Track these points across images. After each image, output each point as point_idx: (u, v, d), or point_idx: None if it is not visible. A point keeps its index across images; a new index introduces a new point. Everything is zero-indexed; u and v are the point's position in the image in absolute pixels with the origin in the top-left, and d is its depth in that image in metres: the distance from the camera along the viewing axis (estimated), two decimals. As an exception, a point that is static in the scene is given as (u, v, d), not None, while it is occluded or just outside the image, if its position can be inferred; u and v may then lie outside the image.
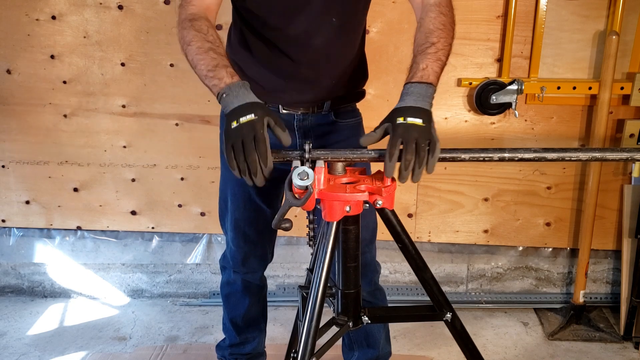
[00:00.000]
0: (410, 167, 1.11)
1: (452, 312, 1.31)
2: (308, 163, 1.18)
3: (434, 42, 1.29)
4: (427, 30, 1.32)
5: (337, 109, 1.60)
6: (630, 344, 2.32)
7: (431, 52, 1.28)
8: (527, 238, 2.52)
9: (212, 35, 1.30)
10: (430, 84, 1.22)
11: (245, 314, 1.91)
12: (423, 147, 1.11)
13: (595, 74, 2.26)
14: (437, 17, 1.33)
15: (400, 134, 1.12)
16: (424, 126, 1.14)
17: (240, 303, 1.90)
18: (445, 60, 1.29)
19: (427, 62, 1.25)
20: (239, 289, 1.87)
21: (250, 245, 1.77)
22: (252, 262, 1.82)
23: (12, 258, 2.69)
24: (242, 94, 1.18)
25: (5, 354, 2.29)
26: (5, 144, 2.50)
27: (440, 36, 1.31)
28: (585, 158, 1.20)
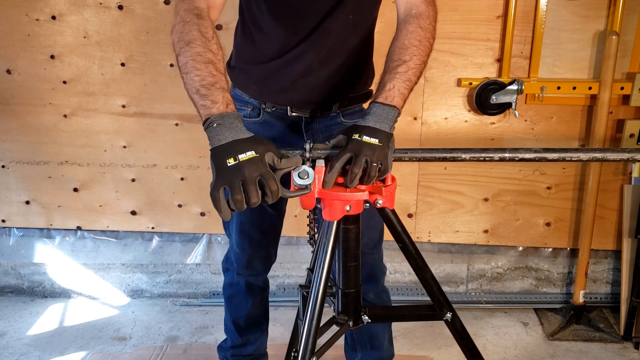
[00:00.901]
0: (354, 183, 1.11)
1: (452, 312, 1.31)
2: (308, 162, 1.18)
3: (406, 60, 1.26)
4: (402, 45, 1.28)
5: (345, 109, 1.57)
6: (630, 344, 2.32)
7: (401, 71, 1.25)
8: (527, 238, 2.52)
9: (216, 44, 1.19)
10: (394, 106, 1.20)
11: (248, 315, 1.90)
12: (374, 166, 1.10)
13: (595, 74, 2.26)
14: (414, 32, 1.30)
15: (350, 149, 1.12)
16: (380, 146, 1.13)
17: (242, 304, 1.89)
18: (415, 79, 1.27)
19: (395, 82, 1.23)
20: (242, 291, 1.87)
21: (255, 247, 1.76)
22: (256, 264, 1.81)
23: (12, 258, 2.69)
24: (235, 127, 1.07)
25: (5, 354, 2.29)
26: (5, 144, 2.50)
27: (413, 54, 1.27)
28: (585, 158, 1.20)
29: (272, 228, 1.76)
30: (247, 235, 1.73)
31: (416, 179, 2.45)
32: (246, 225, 1.71)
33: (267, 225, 1.72)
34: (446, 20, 2.24)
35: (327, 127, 1.57)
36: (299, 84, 1.49)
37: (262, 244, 1.77)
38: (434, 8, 1.36)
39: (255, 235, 1.73)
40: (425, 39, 1.30)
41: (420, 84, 2.31)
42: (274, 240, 1.82)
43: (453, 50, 2.27)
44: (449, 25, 2.24)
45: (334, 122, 1.57)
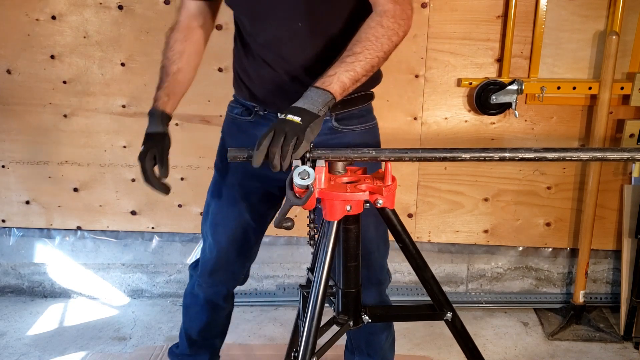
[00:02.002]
0: (274, 159, 1.13)
1: (452, 312, 1.31)
2: (309, 162, 1.18)
3: (357, 52, 1.25)
4: (358, 38, 1.27)
5: (339, 113, 1.52)
6: (630, 344, 2.32)
7: (348, 61, 1.24)
8: (527, 238, 2.52)
9: (174, 48, 1.52)
10: (328, 91, 1.20)
11: (202, 330, 1.84)
12: (287, 141, 1.12)
13: (595, 74, 2.26)
14: (373, 28, 1.28)
15: (274, 126, 1.14)
16: (299, 124, 1.14)
17: (198, 318, 1.82)
18: (362, 72, 1.25)
19: (338, 70, 1.23)
20: (200, 303, 1.79)
21: (222, 255, 1.70)
22: (219, 276, 1.73)
23: (12, 258, 2.69)
24: (150, 122, 1.52)
25: (5, 354, 2.29)
26: (5, 144, 2.50)
27: (366, 47, 1.26)
28: (585, 158, 1.20)
29: (245, 241, 1.68)
30: (216, 239, 1.68)
31: (416, 179, 2.45)
32: (219, 229, 1.66)
33: (241, 235, 1.66)
34: (446, 20, 2.24)
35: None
36: (277, 94, 1.48)
37: (230, 254, 1.70)
38: (404, 7, 1.32)
39: (223, 241, 1.67)
40: (385, 37, 1.28)
41: (420, 84, 2.32)
42: (243, 255, 1.73)
43: (453, 50, 2.27)
44: (449, 25, 2.24)
45: (326, 126, 1.51)
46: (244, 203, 1.63)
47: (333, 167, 1.25)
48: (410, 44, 2.27)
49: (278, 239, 2.61)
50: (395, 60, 2.30)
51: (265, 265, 2.66)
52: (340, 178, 1.24)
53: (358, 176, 1.27)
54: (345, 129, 1.54)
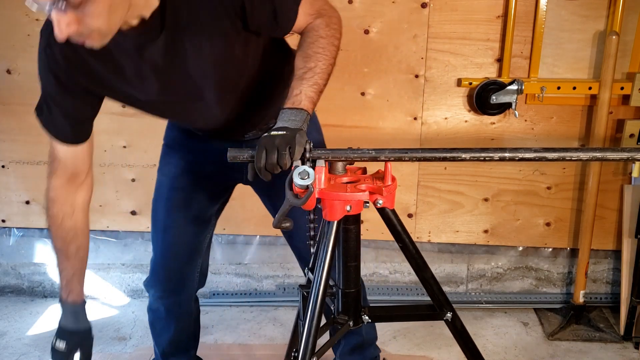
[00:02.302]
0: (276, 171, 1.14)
1: (452, 312, 1.31)
2: (309, 162, 1.18)
3: (311, 67, 1.27)
4: (306, 55, 1.29)
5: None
6: (630, 344, 2.32)
7: (307, 77, 1.26)
8: (527, 238, 2.52)
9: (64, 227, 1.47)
10: (301, 109, 1.22)
11: (172, 342, 1.83)
12: (283, 154, 1.12)
13: (595, 74, 2.26)
14: (315, 42, 1.30)
15: (263, 143, 1.14)
16: (286, 134, 1.15)
17: (165, 330, 1.82)
18: (323, 82, 1.28)
19: (302, 87, 1.24)
20: (163, 316, 1.79)
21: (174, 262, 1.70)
22: (173, 282, 1.73)
23: (12, 258, 2.69)
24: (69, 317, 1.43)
25: (5, 354, 2.29)
26: (5, 144, 2.50)
27: (318, 60, 1.28)
28: (585, 158, 1.20)
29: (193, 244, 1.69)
30: (165, 246, 1.68)
31: (416, 179, 2.45)
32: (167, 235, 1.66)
33: (189, 238, 1.67)
34: (446, 20, 2.24)
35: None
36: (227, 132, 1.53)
37: (178, 259, 1.69)
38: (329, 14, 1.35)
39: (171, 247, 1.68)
40: (329, 44, 1.31)
41: (420, 84, 2.32)
42: (193, 257, 1.73)
43: (453, 50, 2.27)
44: (449, 25, 2.24)
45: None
46: (189, 207, 1.65)
47: (333, 167, 1.25)
48: (410, 44, 2.28)
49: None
50: (395, 61, 2.30)
51: (265, 265, 2.66)
52: (340, 178, 1.24)
53: (358, 176, 1.27)
54: None
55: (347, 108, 2.36)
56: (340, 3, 2.22)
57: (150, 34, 1.23)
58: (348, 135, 2.37)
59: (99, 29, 1.12)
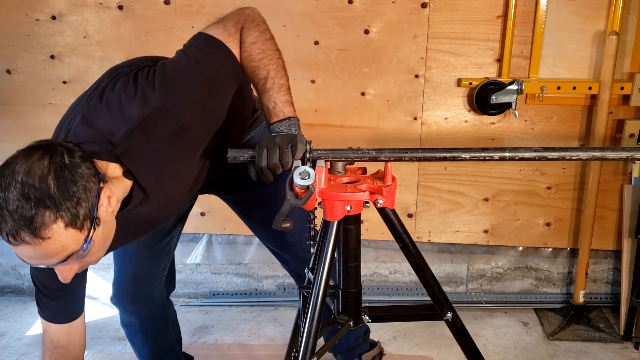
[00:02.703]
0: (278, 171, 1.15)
1: (452, 312, 1.31)
2: (309, 163, 1.18)
3: (265, 75, 1.26)
4: (252, 67, 1.27)
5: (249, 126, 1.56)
6: (630, 344, 2.32)
7: (269, 85, 1.25)
8: (527, 238, 2.52)
9: None
10: (288, 117, 1.22)
11: (155, 350, 1.82)
12: (286, 152, 1.13)
13: (595, 74, 2.26)
14: (252, 54, 1.27)
15: (264, 143, 1.15)
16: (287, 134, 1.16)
17: (145, 342, 1.80)
18: (285, 82, 1.27)
19: (273, 98, 1.24)
20: (138, 329, 1.76)
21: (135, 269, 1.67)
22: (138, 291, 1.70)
23: (12, 258, 2.69)
24: None
25: (5, 354, 2.29)
26: (5, 144, 2.50)
27: (265, 64, 1.27)
28: (585, 157, 1.20)
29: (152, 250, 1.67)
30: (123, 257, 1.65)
31: (416, 179, 2.45)
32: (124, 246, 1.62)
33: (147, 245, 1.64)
34: (446, 20, 2.24)
35: None
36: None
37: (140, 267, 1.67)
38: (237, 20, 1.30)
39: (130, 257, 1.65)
40: (261, 42, 1.28)
41: (420, 84, 2.32)
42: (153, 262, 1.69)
43: (453, 50, 2.27)
44: (449, 25, 2.24)
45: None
46: None
47: (333, 167, 1.25)
48: (410, 44, 2.28)
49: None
50: (395, 61, 2.30)
51: (265, 265, 2.66)
52: (340, 178, 1.24)
53: (358, 176, 1.27)
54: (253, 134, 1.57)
55: (347, 108, 2.36)
56: (340, 3, 2.23)
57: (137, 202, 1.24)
58: (348, 135, 2.37)
59: (98, 258, 1.22)
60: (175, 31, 2.27)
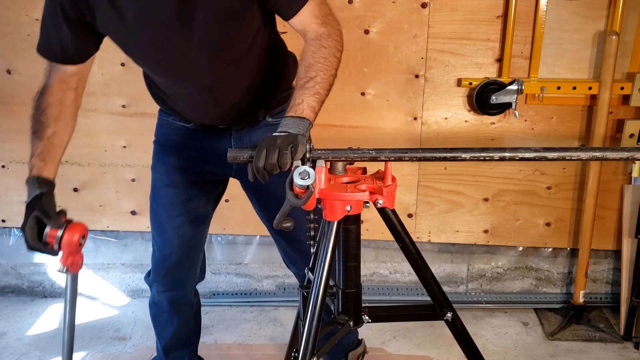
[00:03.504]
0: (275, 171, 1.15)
1: (452, 312, 1.31)
2: (309, 162, 1.18)
3: (313, 76, 1.30)
4: (307, 64, 1.32)
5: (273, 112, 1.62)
6: (630, 344, 2.32)
7: (309, 86, 1.29)
8: (527, 238, 2.52)
9: (47, 113, 1.43)
10: (304, 117, 1.24)
11: (175, 335, 1.86)
12: (285, 153, 1.13)
13: (595, 74, 2.26)
14: (317, 51, 1.33)
15: (264, 143, 1.16)
16: (289, 134, 1.17)
17: (168, 324, 1.84)
18: (324, 92, 1.31)
19: (304, 97, 1.27)
20: (166, 309, 1.82)
21: (175, 253, 1.72)
22: (175, 275, 1.76)
23: (12, 258, 2.69)
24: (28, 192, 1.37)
25: (5, 354, 2.29)
26: (5, 144, 2.50)
27: (319, 70, 1.31)
28: (585, 157, 1.20)
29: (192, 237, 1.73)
30: (164, 241, 1.71)
31: (416, 179, 2.45)
32: (165, 231, 1.70)
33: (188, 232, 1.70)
34: (446, 20, 2.24)
35: (254, 131, 1.61)
36: (205, 114, 1.56)
37: (180, 253, 1.73)
38: (333, 26, 1.38)
39: (171, 242, 1.70)
40: (331, 55, 1.34)
41: (420, 84, 2.32)
42: (192, 251, 1.76)
43: (453, 50, 2.27)
44: (449, 25, 2.24)
45: (261, 125, 1.62)
46: (185, 203, 1.68)
47: (333, 167, 1.25)
48: (410, 44, 2.28)
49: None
50: (395, 61, 2.30)
51: (265, 265, 2.66)
52: (340, 178, 1.24)
53: (358, 176, 1.27)
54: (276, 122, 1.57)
55: (347, 108, 2.36)
56: (340, 3, 2.23)
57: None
58: (348, 135, 2.37)
59: None
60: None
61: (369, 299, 2.58)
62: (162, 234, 1.71)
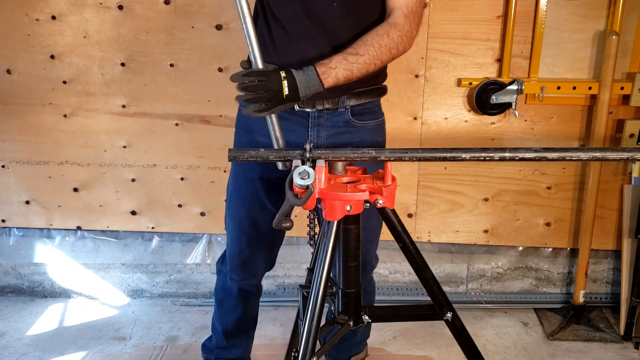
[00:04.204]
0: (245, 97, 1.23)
1: (452, 312, 1.31)
2: (309, 162, 1.18)
3: (360, 53, 1.32)
4: (365, 40, 1.34)
5: (354, 106, 1.54)
6: (630, 344, 2.32)
7: (350, 60, 1.31)
8: (527, 238, 2.52)
9: None
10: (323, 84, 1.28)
11: (237, 321, 1.89)
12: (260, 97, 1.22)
13: (595, 74, 2.26)
14: (381, 35, 1.35)
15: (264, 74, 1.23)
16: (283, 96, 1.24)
17: (233, 310, 1.88)
18: (357, 73, 1.33)
19: (339, 65, 1.29)
20: (234, 296, 1.85)
21: (252, 247, 1.74)
22: (250, 266, 1.79)
23: (12, 258, 2.69)
24: None
25: (5, 354, 2.29)
26: (5, 144, 2.50)
27: (367, 51, 1.33)
28: (585, 158, 1.20)
29: (271, 229, 1.71)
30: (245, 233, 1.71)
31: (416, 179, 2.45)
32: (245, 222, 1.70)
33: (267, 225, 1.69)
34: (446, 20, 2.24)
35: (334, 123, 1.55)
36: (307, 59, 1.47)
37: (260, 245, 1.75)
38: (411, 24, 1.39)
39: (253, 234, 1.71)
40: (387, 46, 1.35)
41: (420, 84, 2.32)
42: (272, 242, 1.79)
43: (453, 50, 2.27)
44: (449, 25, 2.24)
45: (342, 118, 1.54)
46: (264, 195, 1.65)
47: (333, 167, 1.25)
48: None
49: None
50: (395, 61, 2.29)
51: (265, 265, 2.66)
52: (340, 178, 1.24)
53: (358, 176, 1.27)
54: (358, 124, 1.57)
55: (347, 108, 2.36)
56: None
57: None
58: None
59: None
60: (175, 31, 2.27)
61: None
62: (243, 228, 1.72)
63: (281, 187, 1.65)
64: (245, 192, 1.67)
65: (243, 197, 1.68)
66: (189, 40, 2.27)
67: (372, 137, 1.60)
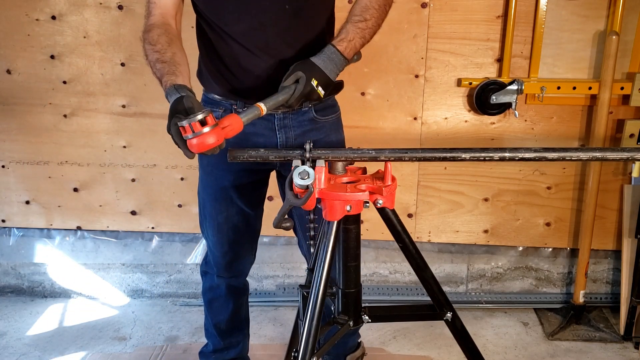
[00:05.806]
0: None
1: (452, 312, 1.31)
2: (309, 162, 1.18)
3: (367, 18, 1.39)
4: (364, 5, 1.41)
5: (317, 104, 1.58)
6: (630, 344, 2.32)
7: (362, 27, 1.38)
8: (527, 238, 2.52)
9: (160, 42, 1.42)
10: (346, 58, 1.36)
11: (230, 319, 1.91)
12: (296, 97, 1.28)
13: (595, 74, 2.26)
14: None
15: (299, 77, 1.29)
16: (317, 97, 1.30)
17: (224, 308, 1.89)
18: (369, 38, 1.41)
19: (355, 35, 1.37)
20: (223, 294, 1.87)
21: (235, 249, 1.76)
22: (236, 265, 1.82)
23: (12, 258, 2.69)
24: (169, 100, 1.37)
25: (5, 354, 2.29)
26: (5, 144, 2.50)
27: (373, 15, 1.40)
28: (585, 158, 1.20)
29: (249, 228, 1.76)
30: (225, 236, 1.73)
31: (416, 179, 2.45)
32: (224, 227, 1.71)
33: (244, 225, 1.73)
34: (446, 20, 2.24)
35: (299, 123, 1.57)
36: (256, 83, 1.51)
37: (241, 245, 1.77)
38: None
39: (233, 237, 1.73)
40: (384, 5, 1.43)
41: (420, 84, 2.32)
42: (252, 238, 1.82)
43: (453, 50, 2.27)
44: (449, 25, 2.24)
45: (307, 117, 1.57)
46: (239, 200, 1.67)
47: (333, 167, 1.25)
48: (410, 44, 2.28)
49: (278, 239, 2.61)
50: (395, 61, 2.30)
51: (265, 265, 2.66)
52: (340, 178, 1.24)
53: (358, 176, 1.27)
54: (323, 120, 1.61)
55: (347, 108, 2.34)
56: (340, 3, 2.20)
57: None
58: (348, 135, 2.36)
59: None
60: (175, 31, 2.27)
61: (369, 299, 2.58)
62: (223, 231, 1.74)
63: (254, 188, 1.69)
64: (220, 199, 1.68)
65: (219, 205, 1.69)
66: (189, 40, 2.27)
67: (336, 130, 1.67)
